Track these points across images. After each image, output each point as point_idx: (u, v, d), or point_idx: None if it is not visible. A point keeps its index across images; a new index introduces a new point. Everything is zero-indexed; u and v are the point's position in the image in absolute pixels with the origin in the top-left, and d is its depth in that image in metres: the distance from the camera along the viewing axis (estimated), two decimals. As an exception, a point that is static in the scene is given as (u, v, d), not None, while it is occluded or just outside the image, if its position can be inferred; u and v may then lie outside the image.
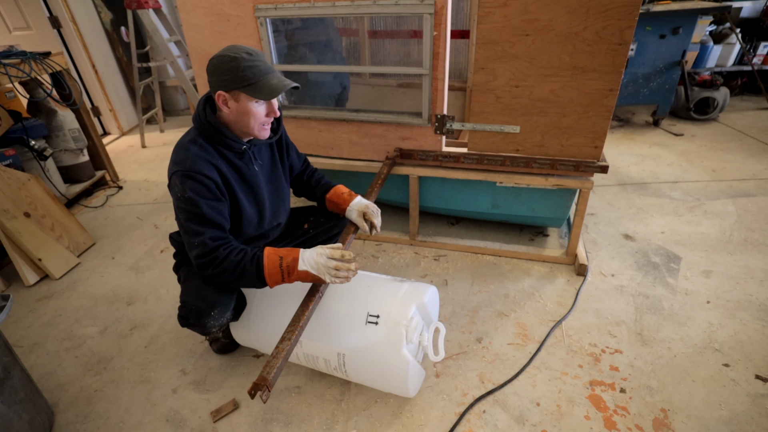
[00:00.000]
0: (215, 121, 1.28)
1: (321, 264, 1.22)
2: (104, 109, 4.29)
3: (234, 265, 1.22)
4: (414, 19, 2.54)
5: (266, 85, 1.21)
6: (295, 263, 1.22)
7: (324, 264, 1.22)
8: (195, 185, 1.22)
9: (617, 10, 1.47)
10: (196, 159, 1.23)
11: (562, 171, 1.83)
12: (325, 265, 1.21)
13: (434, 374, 1.55)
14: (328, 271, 1.21)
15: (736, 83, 4.23)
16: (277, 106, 1.31)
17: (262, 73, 1.21)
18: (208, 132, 1.28)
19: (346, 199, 1.59)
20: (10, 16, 3.69)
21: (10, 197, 2.20)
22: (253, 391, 0.98)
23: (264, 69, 1.22)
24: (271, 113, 1.29)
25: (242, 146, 1.32)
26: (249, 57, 1.21)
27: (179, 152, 1.27)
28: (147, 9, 3.36)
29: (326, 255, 1.23)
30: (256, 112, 1.25)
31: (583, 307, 1.80)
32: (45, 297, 2.10)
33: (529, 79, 1.67)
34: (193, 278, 1.37)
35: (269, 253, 1.24)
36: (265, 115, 1.28)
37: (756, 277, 1.91)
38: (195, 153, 1.24)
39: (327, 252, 1.24)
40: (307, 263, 1.22)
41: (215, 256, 1.23)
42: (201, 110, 1.29)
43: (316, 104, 2.36)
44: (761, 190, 2.60)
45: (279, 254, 1.24)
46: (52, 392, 1.58)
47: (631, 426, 1.33)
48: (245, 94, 1.22)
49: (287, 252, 1.25)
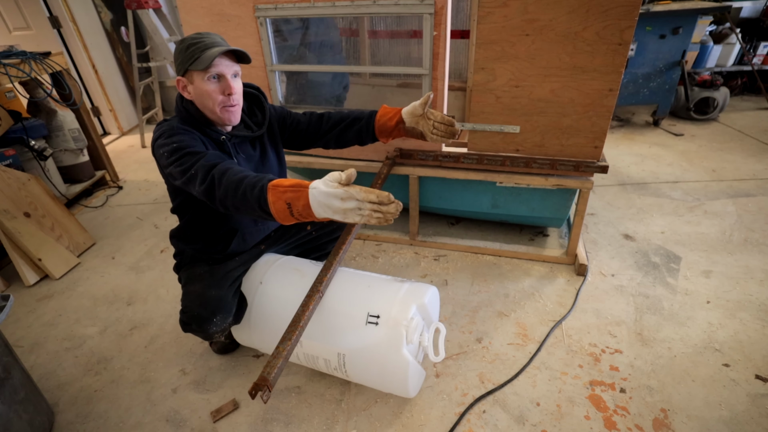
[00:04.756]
0: (192, 107, 1.28)
1: (347, 209, 0.95)
2: (104, 109, 4.29)
3: (235, 186, 1.06)
4: (414, 19, 2.54)
5: (206, 55, 1.19)
6: (309, 210, 0.99)
7: (349, 208, 0.95)
8: (181, 136, 1.21)
9: (617, 10, 1.47)
10: (179, 127, 1.25)
11: (562, 171, 1.83)
12: (352, 209, 0.95)
13: (434, 374, 1.55)
14: (358, 214, 0.95)
15: (736, 83, 4.22)
16: (237, 85, 1.27)
17: (206, 46, 1.20)
18: (186, 119, 1.29)
19: (399, 110, 1.52)
20: (10, 16, 3.69)
21: (10, 197, 2.20)
22: (253, 391, 0.98)
23: (208, 43, 1.21)
24: (226, 90, 1.24)
25: (221, 137, 1.31)
26: (196, 36, 1.22)
27: (161, 125, 1.29)
28: (147, 9, 3.36)
29: (341, 195, 0.94)
30: (209, 89, 1.23)
31: (583, 307, 1.80)
32: (45, 297, 2.10)
33: (529, 79, 1.67)
34: (195, 282, 1.37)
35: (274, 199, 1.02)
36: (221, 92, 1.24)
37: (756, 277, 1.91)
38: (178, 125, 1.26)
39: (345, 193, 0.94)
40: (324, 211, 0.98)
41: (213, 174, 1.10)
42: (178, 98, 1.30)
43: (317, 104, 2.35)
44: (761, 190, 2.60)
45: (286, 200, 1.00)
46: (52, 392, 1.58)
47: (631, 426, 1.33)
48: (195, 71, 1.21)
49: (294, 195, 0.99)
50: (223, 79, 1.24)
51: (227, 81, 1.24)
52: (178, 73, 1.25)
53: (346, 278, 1.42)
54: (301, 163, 2.20)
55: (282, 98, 2.16)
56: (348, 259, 2.19)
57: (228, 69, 1.23)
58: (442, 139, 1.54)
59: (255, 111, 1.48)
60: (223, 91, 1.24)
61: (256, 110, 1.48)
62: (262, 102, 1.47)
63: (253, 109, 1.48)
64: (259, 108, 1.48)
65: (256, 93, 1.46)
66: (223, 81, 1.24)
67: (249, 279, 1.50)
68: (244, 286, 1.49)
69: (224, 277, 1.40)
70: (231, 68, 1.24)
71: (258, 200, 1.03)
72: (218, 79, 1.23)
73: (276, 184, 1.03)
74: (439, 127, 1.52)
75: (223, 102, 1.25)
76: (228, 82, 1.24)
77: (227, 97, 1.25)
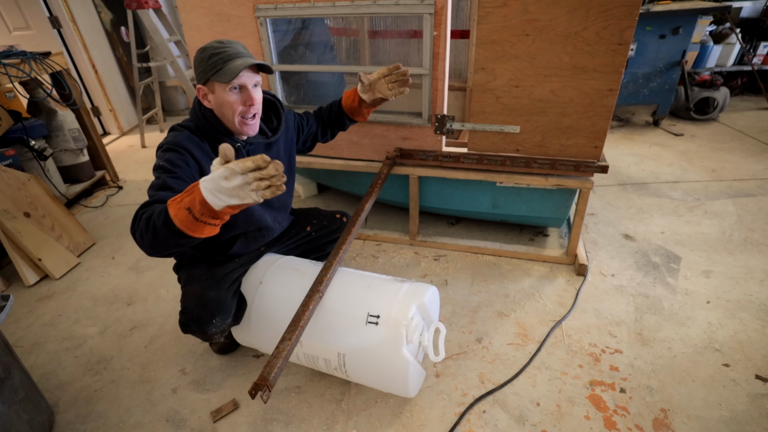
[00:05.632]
0: (210, 114, 1.28)
1: (236, 186, 0.88)
2: (104, 109, 4.29)
3: (146, 222, 1.00)
4: (414, 19, 2.54)
5: (230, 67, 1.19)
6: (207, 206, 0.91)
7: (237, 185, 0.87)
8: (174, 156, 1.19)
9: (617, 10, 1.47)
10: (187, 139, 1.24)
11: (562, 171, 1.83)
12: (240, 185, 0.87)
13: (434, 374, 1.55)
14: (249, 189, 0.88)
15: (736, 83, 4.23)
16: (258, 95, 1.27)
17: (229, 57, 1.19)
18: (203, 125, 1.29)
19: (355, 90, 1.60)
20: (10, 16, 3.69)
21: (10, 197, 2.20)
22: (253, 391, 0.98)
23: (232, 53, 1.20)
24: (247, 101, 1.24)
25: (236, 144, 1.32)
26: (218, 45, 1.21)
27: (173, 132, 1.28)
28: (147, 9, 3.36)
29: (224, 174, 0.87)
30: (230, 101, 1.22)
31: (583, 307, 1.80)
32: (45, 297, 2.10)
33: (529, 79, 1.67)
34: (194, 283, 1.37)
35: (175, 212, 0.94)
36: (242, 104, 1.24)
37: (756, 277, 1.91)
38: (187, 135, 1.25)
39: (226, 171, 0.87)
40: (220, 199, 0.90)
41: (139, 213, 1.04)
42: (196, 104, 1.29)
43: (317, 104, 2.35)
44: (761, 190, 2.60)
45: (185, 206, 0.93)
46: (52, 392, 1.58)
47: (631, 426, 1.33)
48: (217, 82, 1.21)
49: (190, 197, 0.93)
50: (244, 90, 1.24)
51: (249, 92, 1.24)
52: (199, 81, 1.24)
53: (346, 278, 1.42)
54: (301, 163, 2.20)
55: (282, 98, 2.16)
56: (348, 259, 2.20)
57: (250, 80, 1.24)
58: (401, 89, 1.54)
59: (271, 117, 1.50)
60: (244, 102, 1.24)
61: (272, 116, 1.50)
62: (278, 108, 1.49)
63: (269, 116, 1.50)
64: (275, 114, 1.50)
65: (273, 99, 1.48)
66: (244, 92, 1.24)
67: (249, 279, 1.50)
68: (243, 286, 1.49)
69: (224, 278, 1.40)
70: (252, 79, 1.25)
71: (165, 223, 0.95)
72: (240, 89, 1.24)
73: (173, 199, 0.97)
74: (389, 80, 1.53)
75: (243, 112, 1.25)
76: (249, 93, 1.24)
77: (248, 108, 1.25)
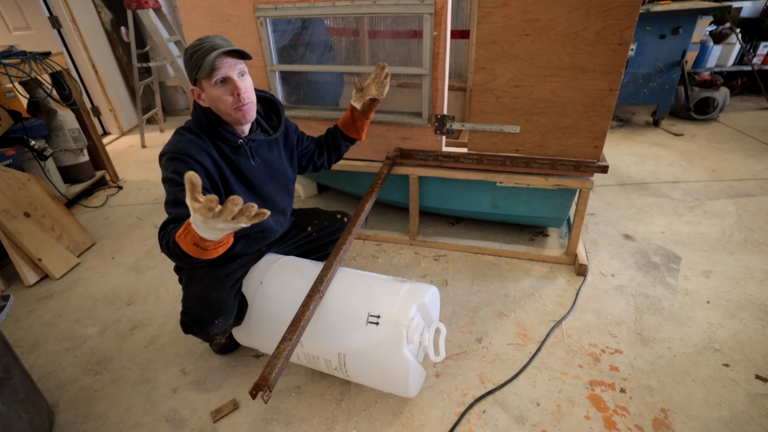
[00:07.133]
0: (209, 112, 1.28)
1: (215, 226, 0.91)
2: (104, 109, 4.29)
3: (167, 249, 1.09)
4: (414, 19, 2.53)
5: (207, 61, 1.18)
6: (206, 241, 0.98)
7: (219, 227, 0.91)
8: (179, 166, 1.20)
9: (617, 10, 1.47)
10: (189, 144, 1.24)
11: (562, 171, 1.83)
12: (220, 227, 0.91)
13: (434, 374, 1.55)
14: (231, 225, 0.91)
15: (736, 83, 4.22)
16: (244, 84, 1.26)
17: (206, 51, 1.19)
18: (204, 123, 1.29)
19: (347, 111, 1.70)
20: (10, 16, 3.69)
21: (10, 197, 2.20)
22: (254, 391, 0.98)
23: (208, 47, 1.19)
24: (234, 91, 1.23)
25: (238, 140, 1.32)
26: (197, 42, 1.22)
27: (175, 136, 1.28)
28: (147, 9, 3.35)
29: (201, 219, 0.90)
30: (219, 94, 1.22)
31: (583, 307, 1.80)
32: (45, 297, 2.10)
33: (529, 79, 1.67)
34: (196, 284, 1.37)
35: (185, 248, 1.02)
36: (230, 95, 1.23)
37: (756, 277, 1.91)
38: (190, 138, 1.25)
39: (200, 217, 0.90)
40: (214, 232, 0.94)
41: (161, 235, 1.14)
42: (196, 103, 1.30)
43: (317, 104, 2.35)
44: (761, 190, 2.60)
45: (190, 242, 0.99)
46: (52, 392, 1.58)
47: (631, 426, 1.33)
48: (202, 79, 1.21)
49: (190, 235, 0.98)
50: (229, 81, 1.23)
51: (234, 82, 1.23)
52: (191, 83, 1.26)
53: (347, 278, 1.42)
54: (301, 163, 2.20)
55: (282, 98, 2.16)
56: (348, 259, 2.20)
57: (232, 70, 1.22)
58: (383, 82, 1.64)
59: (271, 115, 1.51)
60: (232, 93, 1.24)
61: (273, 115, 1.51)
62: (277, 107, 1.50)
63: (269, 114, 1.51)
64: (275, 113, 1.50)
65: (272, 98, 1.49)
66: (230, 83, 1.23)
67: (249, 279, 1.50)
68: (244, 286, 1.49)
69: (226, 278, 1.40)
70: (235, 68, 1.23)
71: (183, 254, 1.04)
72: (225, 81, 1.23)
73: (178, 234, 1.03)
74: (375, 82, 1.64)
75: (234, 103, 1.25)
76: (235, 84, 1.23)
77: (237, 98, 1.24)
